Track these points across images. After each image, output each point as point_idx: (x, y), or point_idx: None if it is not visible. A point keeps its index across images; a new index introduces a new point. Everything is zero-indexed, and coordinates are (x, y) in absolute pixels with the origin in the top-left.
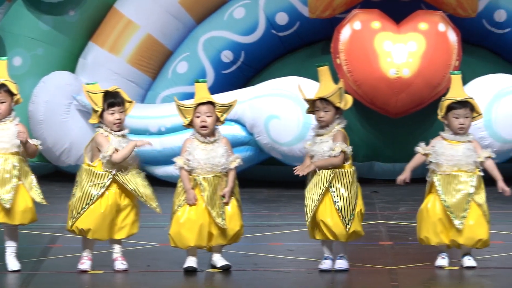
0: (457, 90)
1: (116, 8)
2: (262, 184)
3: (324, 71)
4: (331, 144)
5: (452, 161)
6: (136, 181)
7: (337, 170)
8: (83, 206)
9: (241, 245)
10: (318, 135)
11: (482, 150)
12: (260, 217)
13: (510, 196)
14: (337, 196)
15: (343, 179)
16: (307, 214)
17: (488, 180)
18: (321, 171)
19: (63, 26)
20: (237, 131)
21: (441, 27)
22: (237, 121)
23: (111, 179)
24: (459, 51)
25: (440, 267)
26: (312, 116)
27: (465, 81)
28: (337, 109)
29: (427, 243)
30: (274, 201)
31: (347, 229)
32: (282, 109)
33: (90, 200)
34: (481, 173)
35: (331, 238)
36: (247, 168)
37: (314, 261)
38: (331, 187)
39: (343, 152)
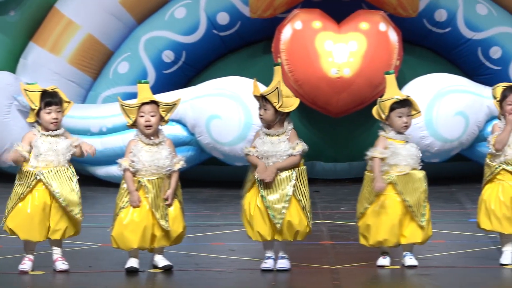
0: (394, 90)
1: (57, 8)
2: (203, 184)
3: (276, 70)
4: (289, 144)
5: (407, 160)
6: (62, 183)
7: (297, 168)
8: (12, 205)
9: (183, 245)
10: (269, 135)
11: None
12: (201, 217)
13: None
14: (300, 194)
15: (302, 177)
16: (274, 216)
17: (428, 180)
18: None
19: (3, 26)
20: (178, 131)
21: (382, 26)
22: (179, 121)
23: (37, 179)
24: (400, 51)
25: (382, 267)
26: (255, 116)
27: (406, 80)
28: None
29: (386, 245)
30: (215, 201)
31: (309, 226)
32: (223, 109)
33: (18, 199)
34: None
35: (290, 239)
36: (189, 168)
37: (256, 261)
38: (294, 186)
39: (302, 150)
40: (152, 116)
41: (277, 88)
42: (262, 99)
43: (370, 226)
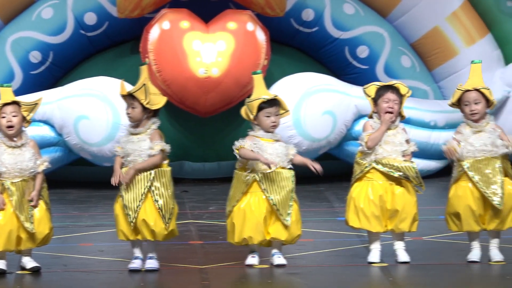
0: (261, 90)
1: None
2: (71, 185)
3: (142, 70)
4: (150, 143)
5: (273, 158)
6: None
7: (157, 169)
8: None
9: (51, 246)
10: (132, 133)
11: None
12: (69, 218)
13: (321, 175)
14: (158, 195)
15: (162, 178)
16: (129, 215)
17: (296, 179)
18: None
19: None
20: (45, 132)
21: (250, 26)
22: (46, 122)
23: None
24: (268, 50)
25: (251, 266)
26: (123, 116)
27: (274, 80)
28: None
29: (250, 242)
30: (83, 202)
31: (167, 228)
32: (91, 110)
33: None
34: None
35: (150, 238)
36: (57, 169)
37: (124, 261)
38: (151, 186)
39: (162, 150)
40: (14, 116)
41: (144, 85)
42: (130, 97)
43: (235, 224)
